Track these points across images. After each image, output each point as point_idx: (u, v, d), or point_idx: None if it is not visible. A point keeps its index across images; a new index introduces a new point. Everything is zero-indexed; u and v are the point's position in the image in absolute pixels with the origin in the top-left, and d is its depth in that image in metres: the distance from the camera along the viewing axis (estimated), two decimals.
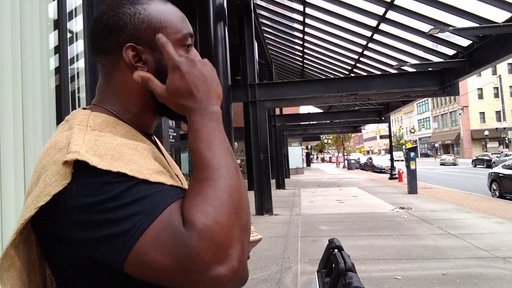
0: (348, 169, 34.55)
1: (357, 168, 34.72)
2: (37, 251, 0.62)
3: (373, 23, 8.91)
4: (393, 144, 22.86)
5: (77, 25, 2.96)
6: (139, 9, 0.67)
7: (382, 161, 29.36)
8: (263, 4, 11.47)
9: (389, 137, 19.42)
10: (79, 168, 0.53)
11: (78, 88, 2.92)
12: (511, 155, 25.90)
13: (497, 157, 27.30)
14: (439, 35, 7.33)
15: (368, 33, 9.60)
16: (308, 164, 45.28)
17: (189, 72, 0.62)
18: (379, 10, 8.25)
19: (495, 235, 5.95)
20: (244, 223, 0.55)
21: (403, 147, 53.91)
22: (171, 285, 0.52)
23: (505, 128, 35.18)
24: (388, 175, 20.28)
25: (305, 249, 5.44)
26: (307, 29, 11.28)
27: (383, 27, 8.90)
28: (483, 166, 28.86)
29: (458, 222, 7.05)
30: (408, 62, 9.16)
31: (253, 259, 4.74)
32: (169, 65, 0.63)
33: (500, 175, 11.04)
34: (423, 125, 63.37)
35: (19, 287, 0.59)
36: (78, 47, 2.99)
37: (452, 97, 48.45)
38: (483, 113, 48.63)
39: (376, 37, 9.61)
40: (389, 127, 18.65)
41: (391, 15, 8.21)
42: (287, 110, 23.46)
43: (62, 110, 2.60)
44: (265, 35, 13.48)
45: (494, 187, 11.36)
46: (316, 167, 45.10)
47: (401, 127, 68.31)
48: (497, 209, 8.52)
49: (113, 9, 0.67)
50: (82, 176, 0.53)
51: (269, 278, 4.18)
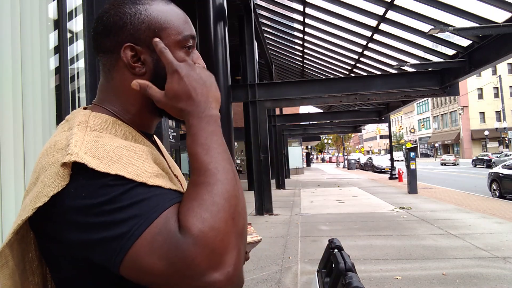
0: (348, 169, 34.55)
1: (357, 168, 34.72)
2: (35, 249, 0.62)
3: (373, 23, 8.91)
4: (393, 144, 22.86)
5: (77, 25, 2.96)
6: (140, 9, 0.67)
7: (382, 161, 29.36)
8: (263, 4, 11.47)
9: (389, 137, 19.42)
10: (78, 170, 0.53)
11: (78, 88, 2.92)
12: (511, 155, 25.89)
13: (497, 157, 27.30)
14: (439, 35, 7.33)
15: (368, 33, 9.60)
16: (308, 164, 45.27)
17: (187, 75, 0.62)
18: (379, 10, 8.25)
19: (495, 235, 5.95)
20: (241, 228, 0.55)
21: (403, 147, 53.91)
22: None
23: (505, 128, 35.18)
24: (388, 175, 20.28)
25: (305, 249, 5.44)
26: (307, 29, 11.28)
27: (383, 27, 8.90)
28: (483, 166, 28.85)
29: (458, 222, 7.05)
30: (408, 62, 9.16)
31: (253, 259, 4.74)
32: (168, 69, 0.63)
33: (500, 175, 11.04)
34: (423, 125, 63.37)
35: (9, 287, 0.59)
36: (78, 47, 2.99)
37: (452, 97, 48.45)
38: (483, 113, 48.63)
39: (376, 37, 9.61)
40: (389, 127, 18.65)
41: (391, 15, 8.22)
42: (287, 110, 23.46)
43: (62, 110, 2.60)
44: (265, 35, 13.48)
45: (494, 187, 11.36)
46: (316, 167, 45.10)
47: (401, 127, 68.31)
48: (497, 209, 8.52)
49: (115, 8, 0.67)
50: (80, 178, 0.53)
51: (269, 278, 4.18)
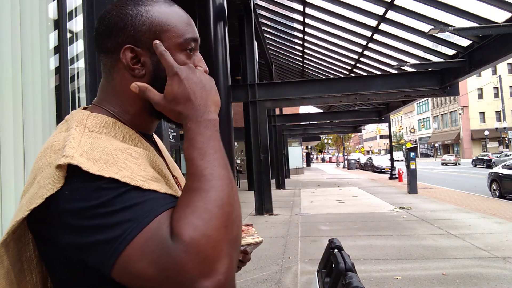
0: (348, 169, 34.55)
1: (357, 168, 34.72)
2: (34, 249, 0.62)
3: (373, 23, 8.91)
4: (393, 144, 22.86)
5: (77, 25, 2.96)
6: (141, 11, 0.66)
7: (382, 161, 29.35)
8: (263, 4, 11.47)
9: (389, 137, 19.42)
10: (72, 172, 0.53)
11: (78, 88, 2.92)
12: (511, 155, 25.90)
13: (497, 157, 27.31)
14: (439, 35, 7.33)
15: (368, 33, 9.60)
16: (308, 164, 45.27)
17: (187, 78, 0.62)
18: (379, 10, 8.25)
19: (495, 235, 5.95)
20: (234, 237, 0.54)
21: (403, 147, 53.91)
22: None
23: (505, 128, 35.19)
24: (388, 175, 20.28)
25: (305, 249, 5.44)
26: (307, 29, 11.28)
27: (383, 27, 8.90)
28: (483, 166, 28.86)
29: (458, 222, 7.05)
30: (408, 62, 9.16)
31: (253, 259, 4.74)
32: (168, 72, 0.63)
33: (500, 175, 11.04)
34: (423, 125, 63.37)
35: (3, 286, 0.59)
36: (78, 47, 2.99)
37: (452, 97, 48.45)
38: (483, 113, 48.63)
39: (376, 37, 9.61)
40: (389, 127, 18.65)
41: (391, 15, 8.22)
42: (287, 110, 23.46)
43: (62, 110, 2.60)
44: (265, 35, 13.48)
45: (494, 187, 11.36)
46: (316, 167, 45.10)
47: (401, 127, 68.31)
48: (497, 209, 8.51)
49: (116, 9, 0.67)
50: (75, 180, 0.53)
51: (269, 278, 4.18)
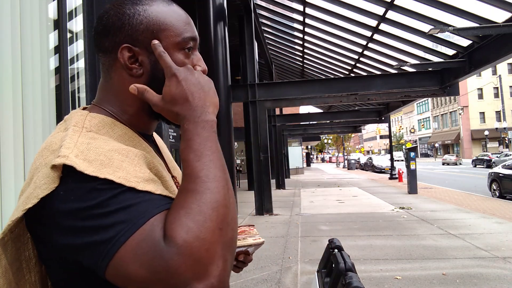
0: (348, 169, 34.55)
1: (357, 168, 34.72)
2: (33, 248, 0.62)
3: (373, 23, 8.92)
4: (393, 144, 22.86)
5: (77, 25, 2.96)
6: (139, 10, 0.66)
7: (382, 161, 29.35)
8: (263, 4, 11.47)
9: (389, 137, 19.42)
10: (68, 173, 0.53)
11: (78, 88, 2.92)
12: (511, 155, 25.90)
13: (497, 157, 27.31)
14: (439, 35, 7.33)
15: (368, 33, 9.60)
16: (308, 164, 45.26)
17: (185, 79, 0.62)
18: (379, 10, 8.25)
19: (495, 235, 5.95)
20: (229, 239, 0.54)
21: (403, 147, 53.91)
22: None
23: (505, 128, 35.18)
24: (388, 175, 20.28)
25: (305, 249, 5.44)
26: (307, 29, 11.28)
27: (383, 27, 8.90)
28: (483, 166, 28.86)
29: (458, 222, 7.05)
30: (408, 62, 9.16)
31: (253, 259, 4.73)
32: (166, 73, 0.63)
33: (500, 175, 11.03)
34: (423, 125, 63.36)
35: (1, 285, 0.59)
36: (78, 47, 2.99)
37: (452, 97, 48.45)
38: (483, 113, 48.62)
39: (376, 37, 9.61)
40: (389, 127, 18.65)
41: (391, 15, 8.22)
42: (287, 110, 23.46)
43: (62, 110, 2.60)
44: (265, 35, 13.48)
45: (494, 187, 11.36)
46: (316, 167, 45.09)
47: (401, 127, 68.30)
48: (497, 209, 8.51)
49: (114, 8, 0.67)
50: (69, 181, 0.53)
51: (269, 278, 4.18)
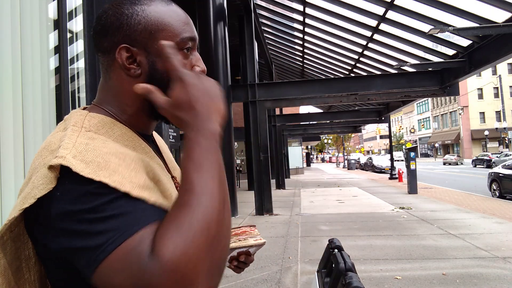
0: (348, 169, 34.55)
1: (357, 168, 34.72)
2: (33, 247, 0.62)
3: (373, 23, 8.92)
4: (393, 144, 22.86)
5: (77, 25, 2.96)
6: (137, 10, 0.66)
7: (382, 161, 29.35)
8: (263, 4, 11.47)
9: (389, 137, 19.42)
10: (65, 173, 0.53)
11: (78, 88, 2.93)
12: (511, 155, 25.90)
13: (497, 157, 27.31)
14: (439, 35, 7.33)
15: (368, 33, 9.60)
16: (308, 164, 45.26)
17: (192, 84, 0.60)
18: (379, 10, 8.25)
19: (495, 235, 5.95)
20: (217, 257, 0.52)
21: (403, 147, 53.92)
22: None
23: (505, 128, 35.18)
24: (388, 175, 20.28)
25: (305, 249, 5.44)
26: (307, 29, 11.28)
27: (383, 27, 8.90)
28: (483, 166, 28.86)
29: (458, 222, 7.04)
30: (408, 62, 9.17)
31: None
32: (172, 76, 0.61)
33: (500, 175, 11.03)
34: (423, 125, 63.37)
35: (1, 284, 0.58)
36: (78, 47, 2.99)
37: (452, 97, 48.46)
38: (483, 113, 48.62)
39: (376, 37, 9.61)
40: (389, 127, 18.65)
41: (391, 15, 8.22)
42: (287, 110, 23.46)
43: (62, 110, 2.60)
44: (265, 35, 13.48)
45: (494, 187, 11.35)
46: (316, 167, 45.09)
47: (401, 127, 68.30)
48: (497, 209, 8.51)
49: (113, 8, 0.67)
50: (66, 182, 0.53)
51: (269, 278, 4.17)
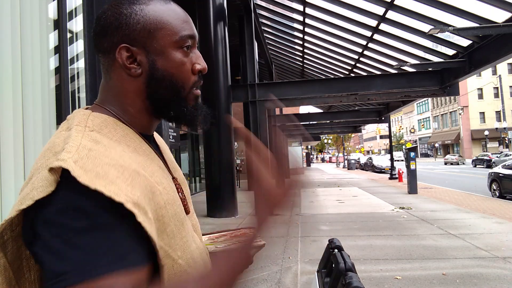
0: (348, 169, 34.55)
1: (357, 168, 34.72)
2: None
3: (373, 23, 8.92)
4: (393, 144, 22.86)
5: (77, 25, 2.96)
6: (135, 9, 0.66)
7: (382, 161, 29.34)
8: (263, 4, 11.48)
9: (389, 137, 19.42)
10: (64, 179, 0.52)
11: (78, 88, 2.92)
12: (511, 155, 25.90)
13: (497, 157, 27.31)
14: (439, 35, 7.33)
15: (368, 33, 9.60)
16: (308, 164, 45.27)
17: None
18: (379, 10, 8.26)
19: (495, 235, 5.95)
20: None
21: (403, 147, 53.93)
22: None
23: (505, 128, 35.19)
24: (388, 175, 20.27)
25: (305, 249, 5.44)
26: (307, 29, 11.29)
27: (383, 27, 8.91)
28: (483, 166, 28.87)
29: (458, 222, 7.04)
30: (408, 62, 9.17)
31: (253, 260, 4.74)
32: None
33: (500, 175, 11.03)
34: (423, 125, 63.37)
35: (1, 283, 0.58)
36: (78, 47, 2.99)
37: (452, 97, 48.46)
38: (483, 113, 48.63)
39: (376, 37, 9.62)
40: (389, 127, 18.65)
41: (391, 15, 8.22)
42: (287, 110, 23.46)
43: (62, 110, 2.60)
44: (265, 35, 13.49)
45: (494, 187, 11.35)
46: (316, 167, 45.10)
47: (401, 127, 68.31)
48: (497, 209, 8.51)
49: (112, 8, 0.67)
50: (63, 188, 0.52)
51: (269, 278, 4.17)
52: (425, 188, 13.84)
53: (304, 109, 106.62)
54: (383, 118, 16.98)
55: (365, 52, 11.08)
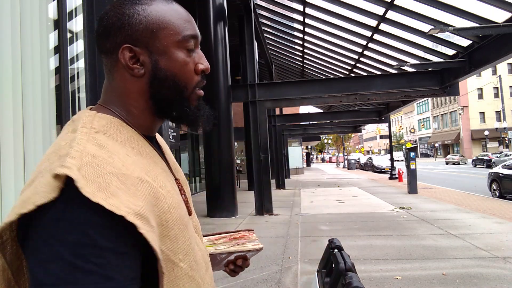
0: (348, 169, 34.56)
1: (357, 168, 34.74)
2: None
3: (373, 23, 8.92)
4: (393, 144, 22.86)
5: (77, 25, 2.96)
6: (138, 9, 0.66)
7: (382, 161, 29.36)
8: (263, 4, 11.48)
9: (389, 137, 19.42)
10: (66, 186, 0.51)
11: (78, 88, 2.92)
12: (511, 155, 25.90)
13: (497, 157, 27.31)
14: (439, 35, 7.33)
15: (368, 33, 9.60)
16: (308, 164, 45.29)
17: None
18: (379, 10, 8.25)
19: (495, 235, 5.95)
20: None
21: (403, 147, 53.92)
22: None
23: (505, 128, 35.18)
24: (388, 175, 20.28)
25: (305, 249, 5.44)
26: (307, 29, 11.29)
27: (383, 27, 8.90)
28: (483, 166, 28.87)
29: (458, 222, 7.05)
30: (408, 62, 9.16)
31: (253, 259, 4.71)
32: None
33: (500, 175, 11.04)
34: (423, 125, 63.38)
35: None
36: (78, 47, 2.99)
37: (452, 97, 48.46)
38: (483, 113, 48.64)
39: (376, 37, 9.61)
40: (389, 127, 18.65)
41: (391, 15, 8.22)
42: (287, 110, 23.46)
43: (62, 110, 2.60)
44: (265, 35, 13.48)
45: (494, 187, 11.36)
46: (316, 167, 45.09)
47: (401, 127, 68.31)
48: (497, 209, 8.51)
49: (114, 9, 0.67)
50: (65, 197, 0.51)
51: (269, 278, 4.17)
52: (425, 188, 13.84)
53: (304, 109, 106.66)
54: (383, 118, 16.98)
55: (365, 52, 11.08)
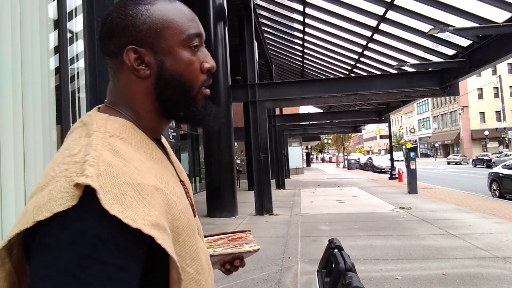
0: (348, 169, 34.56)
1: (357, 168, 34.74)
2: None
3: (373, 23, 8.92)
4: (393, 144, 22.86)
5: (77, 25, 2.96)
6: (141, 10, 0.65)
7: (382, 161, 29.37)
8: (263, 4, 11.48)
9: (389, 137, 19.42)
10: (85, 195, 0.50)
11: (78, 88, 2.92)
12: (511, 155, 25.90)
13: (497, 157, 27.31)
14: (439, 35, 7.33)
15: (368, 33, 9.60)
16: (308, 164, 45.29)
17: None
18: (379, 10, 8.25)
19: (495, 235, 5.95)
20: None
21: (403, 147, 53.92)
22: None
23: (505, 128, 35.18)
24: (388, 175, 20.28)
25: (305, 249, 5.44)
26: (307, 29, 11.29)
27: (383, 27, 8.90)
28: (483, 166, 28.87)
29: (458, 222, 7.05)
30: (408, 62, 9.16)
31: (253, 259, 4.74)
32: None
33: (500, 175, 11.04)
34: (423, 125, 63.38)
35: None
36: (78, 47, 2.99)
37: (452, 97, 48.47)
38: (483, 113, 48.64)
39: (376, 37, 9.61)
40: (389, 127, 18.65)
41: (391, 15, 8.22)
42: (287, 110, 23.47)
43: (62, 110, 2.60)
44: (265, 35, 13.49)
45: (494, 187, 11.36)
46: (316, 167, 45.10)
47: (401, 127, 68.31)
48: (497, 209, 8.51)
49: (117, 10, 0.66)
50: (81, 205, 0.50)
51: (269, 278, 4.17)
52: (425, 188, 13.84)
53: (304, 109, 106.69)
54: (383, 118, 16.98)
55: (365, 52, 11.08)
